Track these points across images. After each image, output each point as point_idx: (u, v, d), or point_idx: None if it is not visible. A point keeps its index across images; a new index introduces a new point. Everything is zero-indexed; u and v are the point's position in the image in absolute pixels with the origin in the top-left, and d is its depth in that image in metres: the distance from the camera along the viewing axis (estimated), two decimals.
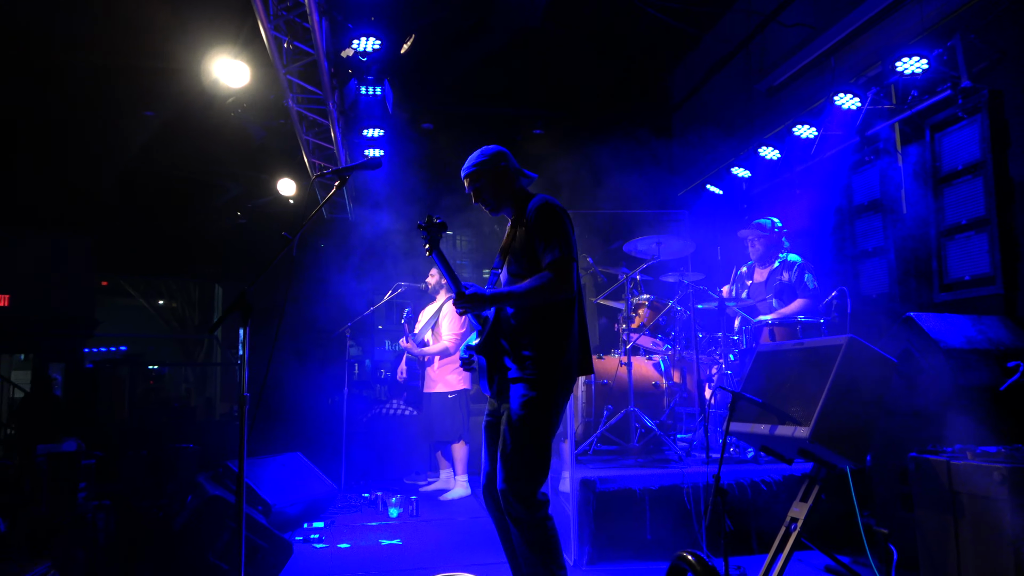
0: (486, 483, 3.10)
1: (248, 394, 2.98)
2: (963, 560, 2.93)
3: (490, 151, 3.15)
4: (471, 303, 2.93)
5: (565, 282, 2.89)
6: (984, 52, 4.60)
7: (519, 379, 2.93)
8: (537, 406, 2.88)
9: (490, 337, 3.03)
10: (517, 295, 2.92)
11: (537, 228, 2.95)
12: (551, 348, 2.93)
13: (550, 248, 2.90)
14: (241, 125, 6.46)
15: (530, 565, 2.87)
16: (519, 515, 2.83)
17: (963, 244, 4.72)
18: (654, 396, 5.34)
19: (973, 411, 3.77)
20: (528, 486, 2.84)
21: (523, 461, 2.86)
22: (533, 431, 2.88)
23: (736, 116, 7.03)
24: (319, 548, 4.81)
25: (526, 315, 2.98)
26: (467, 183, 3.16)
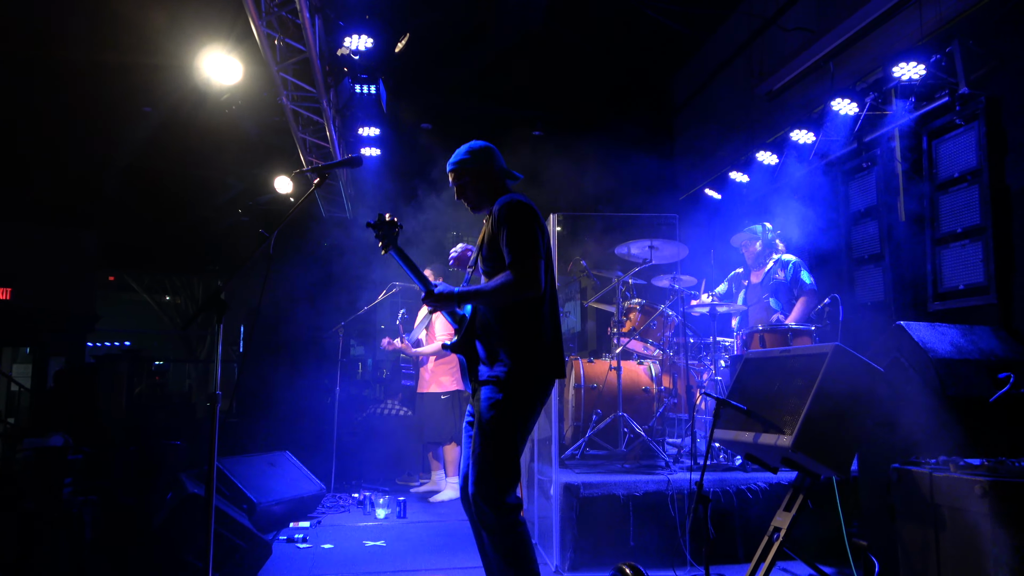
0: (463, 485, 3.05)
1: (220, 392, 2.96)
2: (943, 573, 2.87)
3: (476, 147, 3.11)
4: (439, 302, 2.91)
5: (529, 280, 2.82)
6: (982, 59, 4.55)
7: (488, 380, 2.89)
8: (503, 408, 2.83)
9: (465, 336, 3.00)
10: (483, 294, 2.89)
11: (499, 227, 2.91)
12: (519, 349, 2.88)
13: (513, 247, 2.86)
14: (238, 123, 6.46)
15: (501, 572, 2.83)
16: (488, 519, 2.79)
17: (958, 253, 4.65)
18: (644, 401, 5.29)
19: (961, 422, 3.70)
20: (495, 490, 2.78)
21: (490, 464, 2.80)
22: (499, 434, 2.82)
23: (736, 120, 6.98)
24: (302, 548, 4.77)
25: (496, 315, 2.94)
26: (451, 178, 3.13)
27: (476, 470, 2.82)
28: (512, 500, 2.82)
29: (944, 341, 3.98)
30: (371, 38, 4.90)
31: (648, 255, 5.22)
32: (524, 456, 3.21)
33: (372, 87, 5.45)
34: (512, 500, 2.82)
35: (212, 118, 6.63)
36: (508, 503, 2.80)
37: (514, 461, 2.86)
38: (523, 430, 2.91)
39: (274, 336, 8.58)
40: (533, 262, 2.84)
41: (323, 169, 3.09)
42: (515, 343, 2.89)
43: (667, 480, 4.34)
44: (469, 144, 3.14)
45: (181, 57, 5.37)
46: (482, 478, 2.80)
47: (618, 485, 4.29)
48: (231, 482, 5.02)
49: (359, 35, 4.86)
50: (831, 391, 3.35)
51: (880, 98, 5.32)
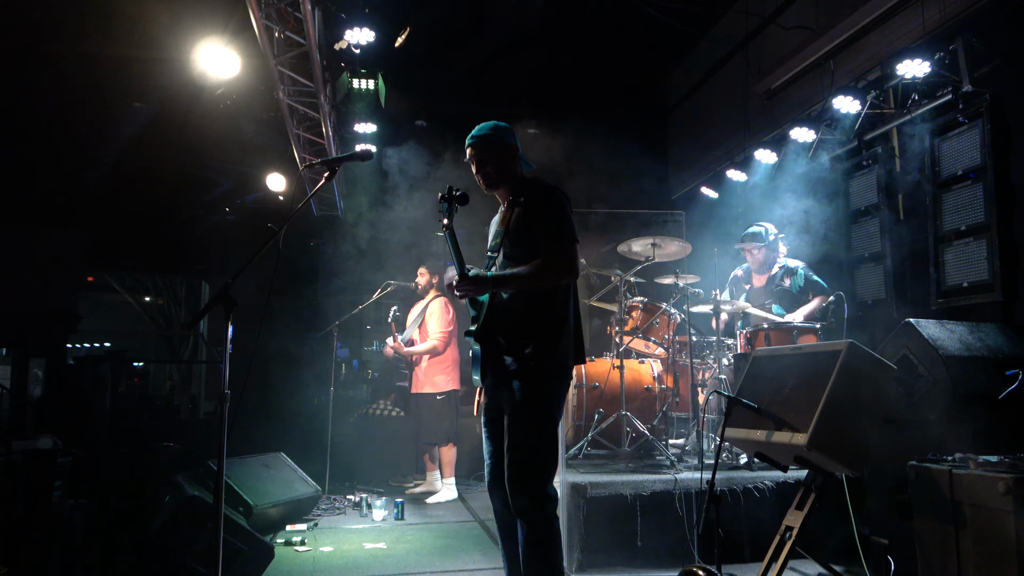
0: (491, 480, 3.00)
1: (228, 391, 2.88)
2: (964, 571, 2.85)
3: (502, 125, 3.09)
4: (474, 286, 2.83)
5: (570, 265, 2.84)
6: (986, 56, 4.56)
7: (517, 372, 2.84)
8: (539, 398, 2.82)
9: (486, 324, 2.94)
10: (520, 277, 2.84)
11: (539, 211, 2.89)
12: (549, 337, 2.86)
13: (555, 231, 2.84)
14: (231, 118, 6.33)
15: (531, 566, 2.78)
16: (528, 510, 2.75)
17: (962, 250, 4.66)
18: (646, 400, 5.26)
19: (971, 419, 3.70)
20: (537, 481, 2.77)
21: (530, 456, 2.78)
22: (538, 425, 2.81)
23: (733, 118, 6.97)
24: (301, 551, 4.68)
25: (522, 302, 2.89)
26: (472, 151, 3.06)
27: (514, 463, 2.79)
28: (552, 490, 2.80)
29: (953, 338, 3.98)
30: (372, 32, 4.82)
31: (651, 253, 5.19)
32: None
33: (371, 82, 5.37)
34: (552, 490, 2.80)
35: (204, 113, 6.50)
36: (548, 493, 2.78)
37: (553, 448, 2.84)
38: (558, 416, 2.91)
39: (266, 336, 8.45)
40: (573, 247, 2.85)
41: (333, 162, 3.02)
42: (544, 330, 2.86)
43: (674, 479, 4.30)
44: (493, 122, 3.10)
45: (174, 50, 5.25)
46: (523, 469, 2.77)
47: (625, 485, 4.25)
48: (227, 485, 4.91)
49: (360, 28, 4.77)
50: (845, 388, 3.32)
51: (881, 96, 5.33)
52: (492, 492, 3.02)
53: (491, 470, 3.00)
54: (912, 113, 5.07)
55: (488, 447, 3.03)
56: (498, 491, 2.96)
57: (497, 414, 2.98)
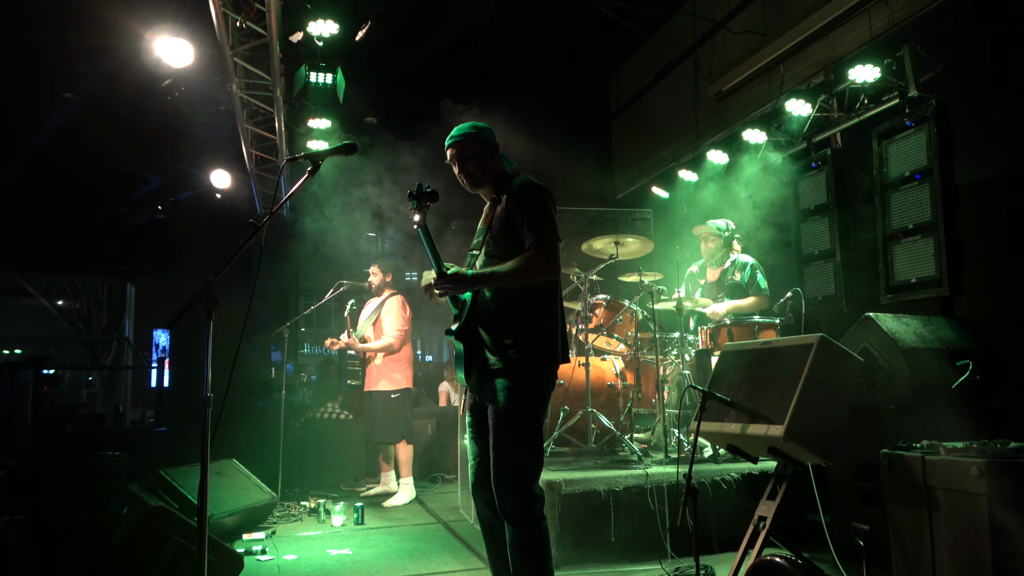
0: (475, 481, 2.95)
1: (211, 395, 2.75)
2: (938, 554, 2.98)
3: (481, 124, 3.06)
4: (452, 284, 2.78)
5: (552, 262, 2.80)
6: (930, 63, 4.79)
7: (502, 371, 2.80)
8: (524, 398, 2.78)
9: (468, 322, 2.89)
10: (501, 275, 2.79)
11: (521, 207, 2.85)
12: (534, 336, 2.83)
13: (537, 227, 2.80)
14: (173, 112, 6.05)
15: (520, 567, 2.74)
16: (515, 512, 2.72)
17: (910, 248, 4.89)
18: (610, 397, 5.30)
19: (929, 407, 3.89)
20: (524, 480, 2.74)
21: (517, 456, 2.75)
22: (523, 424, 2.77)
23: (684, 119, 7.11)
24: (263, 561, 4.51)
25: (505, 300, 2.85)
26: (452, 151, 3.01)
27: (501, 462, 2.75)
28: (538, 490, 2.76)
29: (909, 331, 4.17)
30: (336, 24, 4.67)
31: (614, 251, 5.24)
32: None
33: (329, 75, 5.20)
34: (538, 490, 2.76)
35: (142, 106, 6.19)
36: (537, 494, 2.76)
37: (539, 447, 2.81)
38: (543, 415, 2.88)
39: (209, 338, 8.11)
40: (556, 243, 2.82)
41: (318, 156, 2.92)
42: (529, 330, 2.83)
43: (645, 474, 4.35)
44: (472, 122, 3.06)
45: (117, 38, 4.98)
46: (509, 469, 2.73)
47: (598, 481, 4.27)
48: (181, 494, 4.70)
49: (324, 20, 4.62)
50: (817, 380, 3.43)
51: (830, 99, 5.54)
52: (476, 493, 2.97)
53: (476, 471, 2.95)
54: (860, 117, 5.29)
55: (472, 447, 2.98)
56: (483, 492, 2.92)
57: (482, 413, 2.93)
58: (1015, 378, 4.23)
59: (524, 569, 2.76)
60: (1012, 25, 4.33)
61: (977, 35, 4.52)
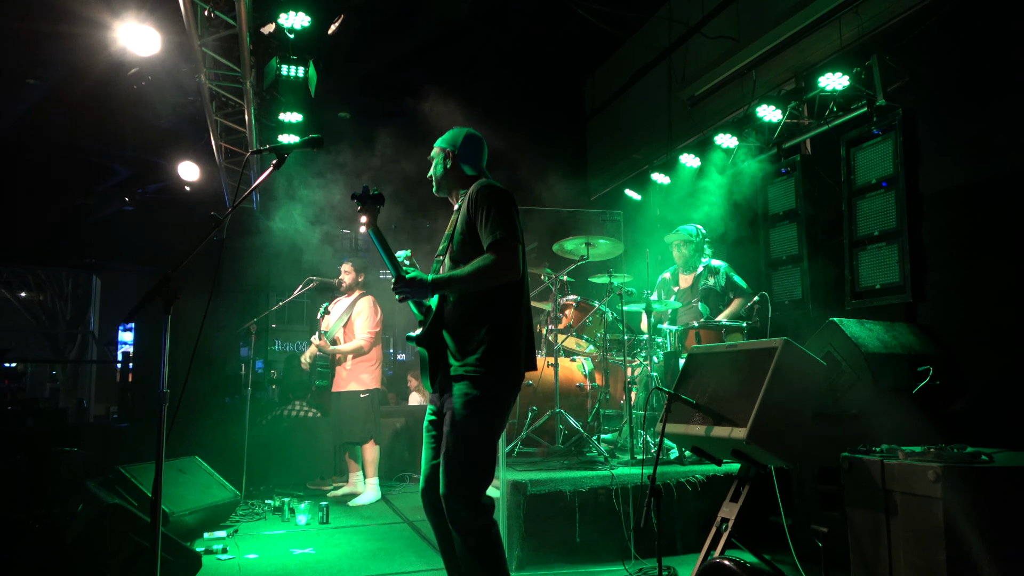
0: (425, 486, 2.89)
1: (168, 390, 2.69)
2: (895, 555, 3.02)
3: (460, 136, 3.06)
4: (411, 288, 2.74)
5: (509, 263, 2.74)
6: (898, 73, 4.86)
7: (461, 376, 2.76)
8: (480, 405, 2.72)
9: (432, 328, 2.85)
10: (459, 279, 2.75)
11: (477, 210, 2.81)
12: (497, 342, 2.77)
13: (492, 229, 2.75)
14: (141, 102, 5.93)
15: (472, 575, 2.71)
16: (462, 521, 2.67)
17: (875, 254, 4.95)
18: (578, 398, 5.31)
19: (890, 412, 3.94)
20: (472, 490, 2.68)
21: (466, 464, 2.69)
22: (476, 432, 2.71)
23: (657, 122, 7.14)
24: (224, 560, 4.44)
25: (469, 305, 2.81)
26: (432, 152, 3.12)
27: (450, 470, 2.69)
28: (487, 500, 2.71)
29: (872, 336, 4.23)
30: (308, 16, 4.62)
31: (585, 252, 5.24)
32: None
33: (301, 69, 5.14)
34: (487, 500, 2.71)
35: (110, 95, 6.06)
36: (483, 504, 2.70)
37: (491, 459, 2.75)
38: (500, 426, 2.83)
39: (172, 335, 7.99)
40: (513, 245, 2.75)
41: (283, 149, 2.87)
42: (491, 334, 2.77)
43: (611, 475, 4.35)
44: (457, 129, 3.08)
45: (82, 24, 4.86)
46: (457, 478, 2.67)
47: (564, 481, 4.26)
48: (139, 491, 4.61)
49: (295, 12, 4.56)
50: (780, 384, 3.46)
51: (800, 106, 5.60)
52: (425, 497, 2.89)
53: (427, 477, 2.87)
54: (829, 124, 5.35)
55: (427, 453, 2.91)
56: (431, 497, 2.85)
57: (441, 419, 2.88)
58: (973, 384, 4.30)
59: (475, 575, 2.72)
60: (978, 37, 4.41)
61: (944, 46, 4.59)
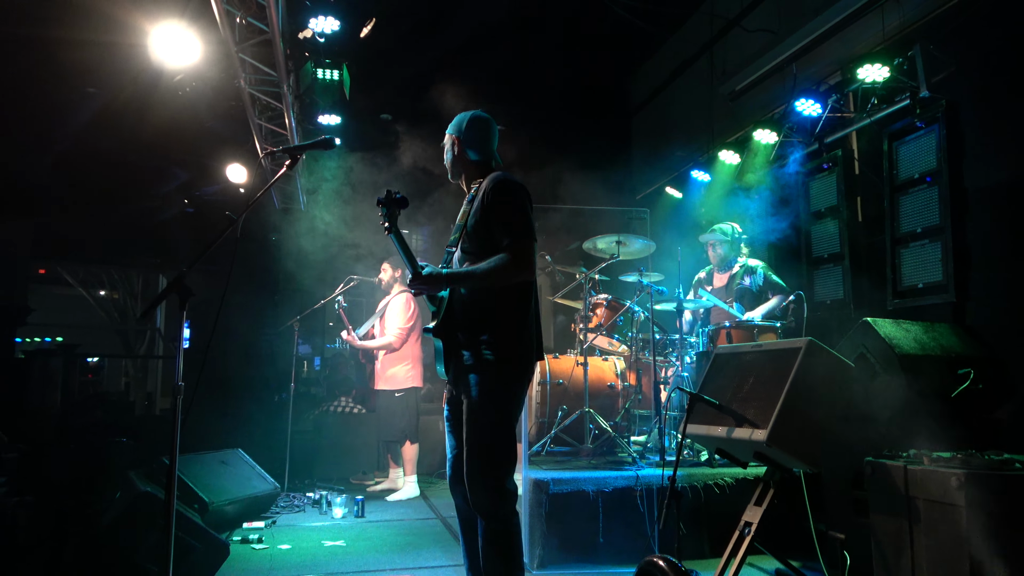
0: (451, 475, 2.98)
1: (183, 383, 2.79)
2: (917, 564, 2.90)
3: (465, 120, 3.08)
4: (427, 284, 2.81)
5: (524, 263, 2.78)
6: (942, 63, 4.66)
7: (475, 367, 2.81)
8: (496, 394, 2.79)
9: (445, 320, 2.91)
10: (475, 276, 2.80)
11: (493, 206, 2.84)
12: (508, 333, 2.83)
13: (509, 228, 2.79)
14: (190, 107, 6.17)
15: (490, 562, 2.75)
16: (486, 506, 2.73)
17: (918, 252, 4.76)
18: (609, 397, 5.27)
19: (926, 416, 3.77)
20: (495, 475, 2.75)
21: (487, 451, 2.76)
22: (494, 420, 2.78)
23: (698, 119, 7.03)
24: (258, 549, 4.59)
25: (481, 298, 2.86)
26: (444, 139, 3.15)
27: (471, 458, 2.77)
28: (511, 486, 2.77)
29: (908, 337, 4.07)
30: (338, 21, 4.73)
31: (615, 250, 5.20)
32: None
33: (335, 72, 5.26)
34: (511, 486, 2.77)
35: (162, 101, 6.31)
36: (508, 489, 2.76)
37: (511, 444, 2.81)
38: (516, 412, 2.87)
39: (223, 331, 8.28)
40: (528, 244, 2.79)
41: (295, 150, 2.95)
42: (503, 328, 2.82)
43: (636, 476, 4.31)
44: (463, 114, 3.11)
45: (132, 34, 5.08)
46: (480, 464, 2.74)
47: (587, 481, 4.25)
48: (182, 481, 4.79)
49: (325, 17, 4.68)
50: (804, 385, 3.37)
51: (842, 100, 5.43)
52: (453, 487, 2.99)
53: (452, 465, 2.97)
54: (871, 117, 5.17)
55: (450, 441, 3.01)
56: (459, 486, 2.94)
57: (458, 408, 2.95)
58: (1022, 388, 4.09)
59: (492, 563, 2.77)
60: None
61: (990, 35, 4.38)
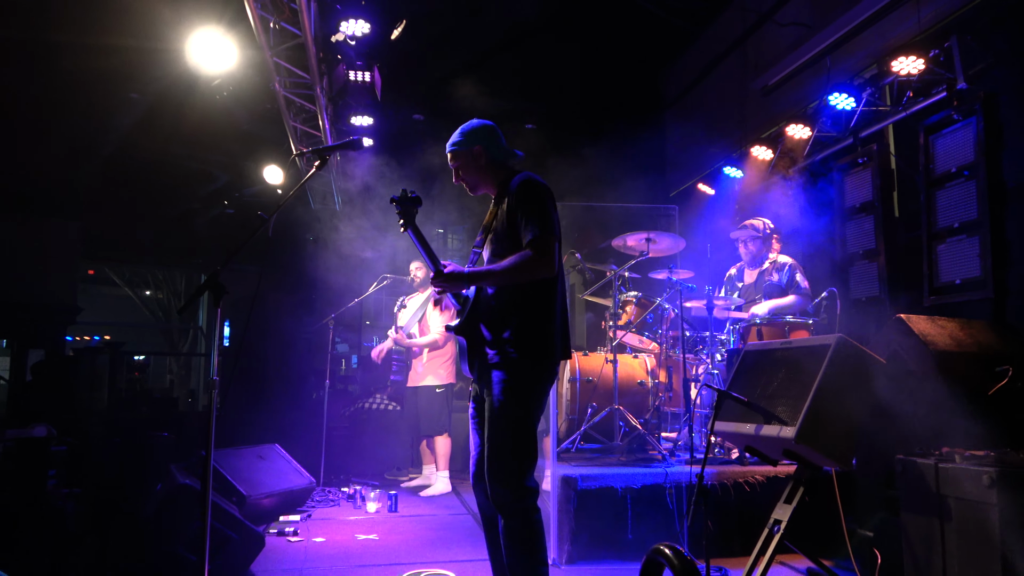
0: (475, 471, 3.01)
1: (218, 378, 2.89)
2: (949, 564, 2.86)
3: (469, 129, 3.09)
4: (449, 282, 2.85)
5: (546, 260, 2.80)
6: (980, 54, 4.56)
7: (498, 364, 2.85)
8: (518, 391, 2.82)
9: (469, 318, 2.95)
10: (497, 273, 2.85)
11: (518, 205, 2.88)
12: (531, 331, 2.85)
13: (531, 225, 2.82)
14: (227, 111, 6.33)
15: (512, 558, 2.78)
16: (506, 503, 2.76)
17: (955, 247, 4.67)
18: (639, 395, 5.27)
19: (960, 414, 3.71)
20: (515, 472, 2.78)
21: (508, 448, 2.79)
22: (516, 417, 2.81)
23: (730, 115, 6.97)
24: (293, 541, 4.70)
25: (505, 296, 2.90)
26: (449, 159, 3.11)
27: (492, 455, 2.80)
28: (531, 483, 2.80)
29: (943, 334, 3.99)
30: (368, 23, 4.82)
31: (645, 247, 5.19)
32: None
33: (367, 74, 5.36)
34: (531, 483, 2.80)
35: (200, 105, 6.50)
36: (528, 486, 2.78)
37: (532, 441, 2.84)
38: (537, 410, 2.90)
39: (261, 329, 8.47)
40: (551, 242, 2.82)
41: (324, 151, 3.03)
42: (527, 325, 2.85)
43: (665, 473, 4.31)
44: (463, 126, 3.11)
45: (171, 40, 5.25)
46: (500, 461, 2.78)
47: (616, 478, 4.26)
48: (220, 475, 4.94)
49: (356, 20, 4.77)
50: (834, 382, 3.33)
51: (877, 93, 5.33)
52: (475, 484, 3.02)
53: (475, 461, 3.00)
54: (907, 110, 5.07)
55: (474, 438, 3.04)
56: (481, 483, 2.96)
57: (483, 406, 2.98)
58: None
59: (515, 559, 2.80)
60: None
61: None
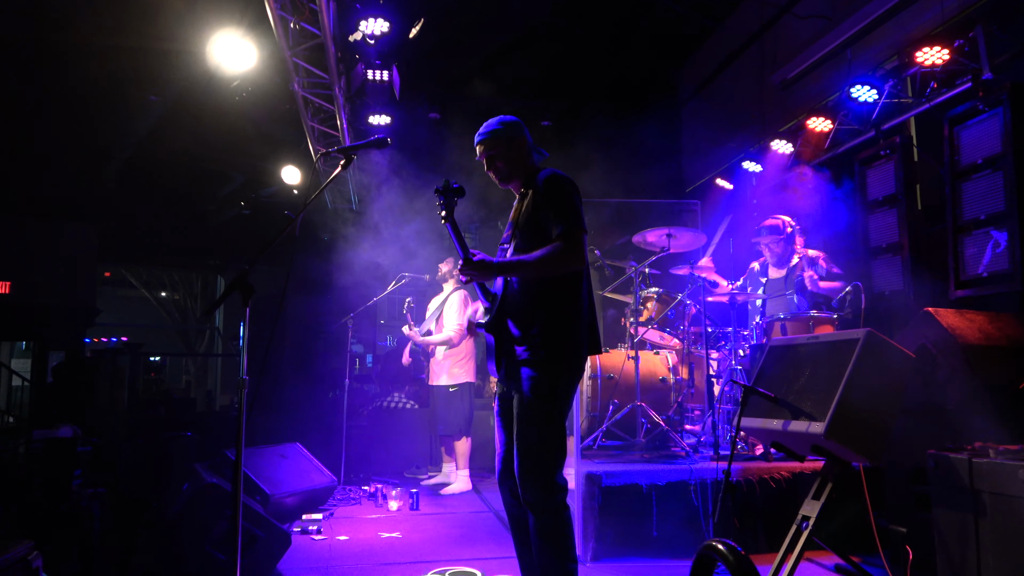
0: (501, 469, 3.01)
1: (247, 377, 2.89)
2: (983, 559, 2.83)
3: (508, 119, 3.08)
4: (477, 270, 2.85)
5: (576, 252, 2.81)
6: (1006, 44, 4.50)
7: (527, 361, 2.84)
8: (547, 388, 2.81)
9: (498, 315, 2.95)
10: (526, 265, 2.84)
11: (547, 199, 2.88)
12: (559, 328, 2.85)
13: (561, 218, 2.82)
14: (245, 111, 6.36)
15: (543, 555, 2.77)
16: (536, 500, 2.76)
17: (981, 240, 4.61)
18: (661, 391, 5.25)
19: (990, 409, 3.66)
20: (545, 470, 2.77)
21: (538, 445, 2.79)
22: (546, 414, 2.80)
23: (749, 109, 6.92)
24: (317, 540, 4.71)
25: (532, 292, 2.89)
26: (481, 149, 3.08)
27: (522, 453, 2.80)
28: (561, 480, 2.79)
29: (972, 327, 3.94)
30: (387, 22, 4.82)
31: (666, 243, 5.17)
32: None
33: (385, 73, 5.36)
34: (561, 480, 2.79)
35: (218, 107, 6.53)
36: (557, 483, 2.78)
37: (562, 438, 2.83)
38: (567, 406, 2.89)
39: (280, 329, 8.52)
40: (579, 235, 2.82)
41: (350, 150, 3.02)
42: (555, 321, 2.85)
43: (689, 469, 4.29)
44: (499, 117, 3.10)
45: (190, 42, 5.28)
46: (531, 459, 2.77)
47: (640, 474, 4.24)
48: (244, 473, 4.95)
49: (375, 19, 4.77)
50: (863, 377, 3.30)
51: (899, 85, 5.28)
52: (501, 482, 3.02)
53: (502, 459, 3.00)
54: (931, 102, 5.01)
55: (500, 436, 3.04)
56: (508, 481, 2.96)
57: (509, 403, 2.98)
58: None
59: (545, 557, 2.79)
60: None
61: None
